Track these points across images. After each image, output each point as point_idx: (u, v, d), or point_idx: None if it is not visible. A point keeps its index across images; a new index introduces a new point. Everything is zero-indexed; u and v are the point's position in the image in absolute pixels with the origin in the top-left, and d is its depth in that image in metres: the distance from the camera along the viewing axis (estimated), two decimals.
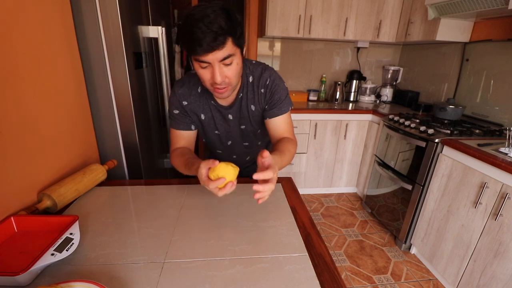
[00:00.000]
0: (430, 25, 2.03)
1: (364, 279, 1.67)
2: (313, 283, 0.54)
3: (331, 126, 2.38)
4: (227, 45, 0.66)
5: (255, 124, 0.94)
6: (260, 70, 0.87)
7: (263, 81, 0.86)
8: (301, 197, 0.87)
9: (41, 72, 0.79)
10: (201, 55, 0.66)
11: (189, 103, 0.88)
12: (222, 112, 0.90)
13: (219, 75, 0.70)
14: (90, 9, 0.94)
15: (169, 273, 0.55)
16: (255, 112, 0.91)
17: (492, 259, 1.30)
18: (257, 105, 0.89)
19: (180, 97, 0.88)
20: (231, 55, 0.69)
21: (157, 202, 0.82)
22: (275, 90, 0.86)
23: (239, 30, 0.69)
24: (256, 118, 0.92)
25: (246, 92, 0.87)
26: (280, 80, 0.88)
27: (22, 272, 0.48)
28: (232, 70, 0.72)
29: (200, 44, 0.64)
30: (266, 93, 0.87)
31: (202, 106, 0.89)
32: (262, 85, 0.87)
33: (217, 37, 0.64)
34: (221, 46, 0.65)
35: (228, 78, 0.73)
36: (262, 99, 0.88)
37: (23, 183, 0.72)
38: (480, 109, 1.96)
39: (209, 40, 0.63)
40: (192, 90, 0.88)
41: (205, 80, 0.74)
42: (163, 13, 1.58)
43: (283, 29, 2.30)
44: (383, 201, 2.13)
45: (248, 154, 1.06)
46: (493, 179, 1.29)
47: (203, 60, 0.68)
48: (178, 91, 0.88)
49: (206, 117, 0.91)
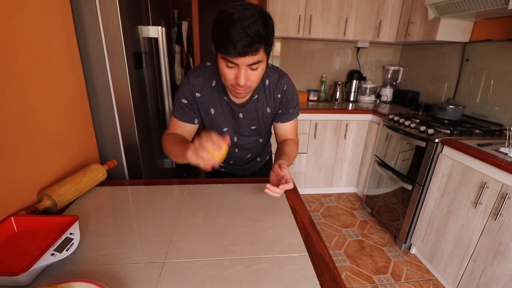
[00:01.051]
0: (430, 25, 2.03)
1: (364, 279, 1.67)
2: (313, 283, 0.54)
3: (331, 126, 2.38)
4: (260, 52, 0.67)
5: (264, 125, 0.97)
6: (277, 76, 0.89)
7: (281, 87, 0.89)
8: (301, 197, 0.87)
9: (41, 72, 0.79)
10: (233, 57, 0.66)
11: (202, 96, 0.88)
12: (234, 109, 0.90)
13: (243, 78, 0.71)
14: (90, 9, 0.94)
15: (169, 273, 0.55)
16: (269, 114, 0.94)
17: (492, 259, 1.30)
18: (271, 108, 0.93)
19: (194, 88, 0.87)
20: (259, 61, 0.70)
21: (157, 202, 0.82)
22: (291, 97, 0.91)
23: (272, 38, 0.70)
24: (267, 119, 0.96)
25: (261, 95, 0.89)
26: (294, 88, 0.93)
27: (22, 272, 0.48)
28: (256, 75, 0.73)
29: (235, 46, 0.64)
30: (282, 99, 0.91)
31: (213, 101, 0.89)
32: (279, 90, 0.90)
33: (253, 43, 0.64)
34: (255, 52, 0.66)
35: (250, 82, 0.74)
36: (277, 104, 0.92)
37: (23, 183, 0.72)
38: (480, 109, 1.96)
39: (244, 44, 0.63)
40: (207, 83, 0.87)
41: (228, 79, 0.74)
42: (163, 13, 1.58)
43: (283, 29, 2.30)
44: (383, 201, 2.13)
45: (249, 152, 1.07)
46: (493, 179, 1.29)
47: (233, 61, 0.68)
48: (193, 81, 0.87)
49: (216, 112, 0.91)
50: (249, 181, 0.96)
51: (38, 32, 0.78)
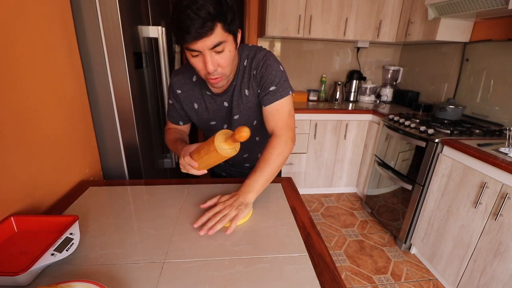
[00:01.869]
0: (430, 25, 2.03)
1: (364, 279, 1.67)
2: (313, 283, 0.54)
3: (331, 126, 2.38)
4: (216, 31, 0.63)
5: (249, 113, 0.87)
6: (254, 52, 0.81)
7: (256, 62, 0.80)
8: (301, 197, 0.87)
9: (41, 72, 0.79)
10: (190, 43, 0.64)
11: (182, 92, 0.88)
12: (217, 100, 0.87)
13: (210, 64, 0.67)
14: (90, 9, 0.94)
15: (169, 273, 0.55)
16: (250, 98, 0.84)
17: (492, 259, 1.30)
18: (250, 89, 0.82)
19: (174, 85, 0.88)
20: (222, 42, 0.66)
21: (157, 202, 0.82)
22: (268, 72, 0.79)
23: (230, 15, 0.65)
24: (250, 105, 0.85)
25: (240, 78, 0.82)
26: (274, 61, 0.81)
27: (22, 272, 0.48)
28: (225, 58, 0.69)
29: (188, 31, 0.61)
30: (257, 74, 0.80)
31: (196, 96, 0.88)
32: (254, 65, 0.80)
33: (205, 23, 0.61)
34: (210, 32, 0.62)
35: (220, 67, 0.70)
36: (254, 81, 0.81)
37: (23, 183, 0.72)
38: (480, 109, 1.96)
39: (196, 26, 0.60)
40: (186, 79, 0.87)
41: (199, 70, 0.72)
42: (163, 13, 1.57)
43: (283, 29, 2.30)
44: (383, 201, 2.13)
45: (246, 152, 1.01)
46: (493, 179, 1.29)
47: (193, 49, 0.65)
48: (173, 79, 0.89)
49: (199, 107, 0.90)
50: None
51: (38, 32, 0.78)
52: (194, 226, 0.68)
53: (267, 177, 0.76)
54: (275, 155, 0.77)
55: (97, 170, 1.09)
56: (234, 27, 0.68)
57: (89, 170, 1.03)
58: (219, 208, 0.70)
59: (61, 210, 0.77)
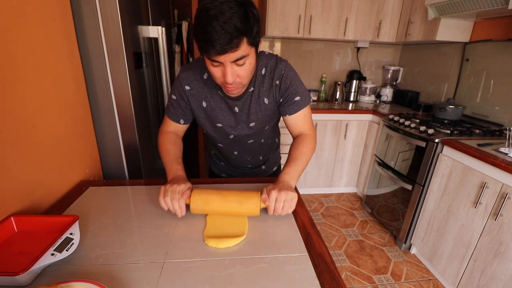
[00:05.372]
0: (430, 25, 2.03)
1: (364, 279, 1.67)
2: (313, 283, 0.54)
3: (331, 126, 2.38)
4: (242, 46, 0.63)
5: (265, 120, 0.90)
6: (275, 62, 0.83)
7: (279, 72, 0.82)
8: (301, 197, 0.87)
9: (41, 72, 0.79)
10: (214, 56, 0.64)
11: (191, 88, 0.85)
12: (229, 103, 0.85)
13: (230, 75, 0.67)
14: (90, 9, 0.94)
15: (169, 273, 0.55)
16: (269, 106, 0.86)
17: (492, 259, 1.30)
18: (270, 98, 0.85)
19: (183, 81, 0.84)
20: (244, 56, 0.66)
21: (157, 202, 0.81)
22: (292, 83, 0.83)
23: (256, 29, 0.65)
24: (268, 112, 0.88)
25: (258, 85, 0.83)
26: (296, 73, 0.86)
27: (22, 272, 0.48)
28: (245, 70, 0.70)
29: (213, 45, 0.60)
30: (281, 85, 0.83)
31: (205, 94, 0.85)
32: (277, 76, 0.83)
33: (232, 39, 0.60)
34: (235, 48, 0.62)
35: (239, 78, 0.71)
36: (276, 91, 0.84)
37: (23, 183, 0.72)
38: (480, 109, 1.96)
39: (223, 42, 0.60)
40: (197, 75, 0.84)
41: (216, 78, 0.71)
42: (163, 13, 1.58)
43: (283, 29, 2.30)
44: (383, 201, 2.13)
45: (250, 154, 1.02)
46: (493, 179, 1.29)
47: (215, 60, 0.65)
48: (182, 74, 0.84)
49: (208, 106, 0.86)
50: (249, 181, 0.96)
51: (38, 32, 0.78)
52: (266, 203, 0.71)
53: (303, 166, 0.84)
54: (309, 149, 0.86)
55: (97, 170, 1.09)
56: (258, 39, 0.68)
57: (89, 170, 1.03)
58: (275, 195, 0.70)
59: (61, 210, 0.77)
